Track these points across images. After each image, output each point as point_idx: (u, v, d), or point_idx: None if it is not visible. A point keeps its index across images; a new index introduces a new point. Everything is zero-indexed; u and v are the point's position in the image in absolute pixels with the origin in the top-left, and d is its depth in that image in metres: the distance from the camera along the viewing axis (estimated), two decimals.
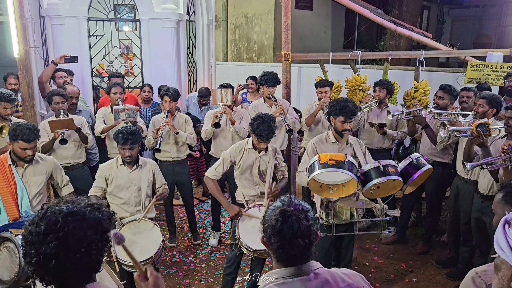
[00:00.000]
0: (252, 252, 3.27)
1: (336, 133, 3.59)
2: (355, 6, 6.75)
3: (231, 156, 3.65)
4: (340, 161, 2.96)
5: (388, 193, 3.26)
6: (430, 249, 4.76)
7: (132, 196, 3.64)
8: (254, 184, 3.67)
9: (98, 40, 6.43)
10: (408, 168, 3.15)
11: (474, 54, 6.33)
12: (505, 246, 1.19)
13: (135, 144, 3.53)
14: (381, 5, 11.78)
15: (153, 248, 3.29)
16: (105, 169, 3.65)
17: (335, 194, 3.19)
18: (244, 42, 12.53)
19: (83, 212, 1.36)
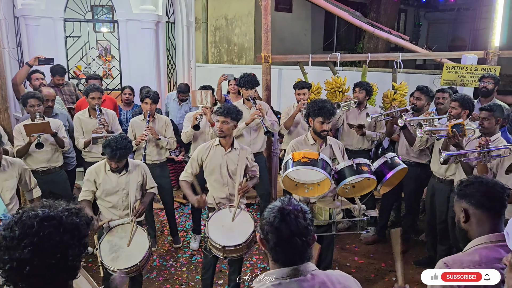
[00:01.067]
0: (222, 250, 3.24)
1: (315, 134, 3.61)
2: (334, 9, 6.82)
3: (198, 155, 3.64)
4: (313, 159, 2.98)
5: (363, 192, 3.29)
6: (409, 248, 4.83)
7: (121, 200, 3.59)
8: (224, 185, 3.63)
9: (75, 41, 6.32)
10: (383, 167, 3.19)
11: (449, 56, 6.48)
12: None
13: (123, 159, 3.47)
14: (359, 8, 11.96)
15: (139, 255, 3.24)
16: (93, 172, 3.57)
17: (310, 193, 3.22)
18: (224, 44, 12.51)
19: (59, 217, 1.32)
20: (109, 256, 3.21)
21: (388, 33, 7.08)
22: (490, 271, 1.21)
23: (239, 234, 3.28)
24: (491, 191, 1.87)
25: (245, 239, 3.24)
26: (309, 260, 1.62)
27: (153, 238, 4.91)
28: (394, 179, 3.25)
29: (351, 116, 5.07)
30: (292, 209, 1.59)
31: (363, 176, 3.08)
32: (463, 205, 1.90)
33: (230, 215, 3.41)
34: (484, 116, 3.53)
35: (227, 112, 3.46)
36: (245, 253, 3.37)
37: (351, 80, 5.73)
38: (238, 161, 3.61)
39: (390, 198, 4.92)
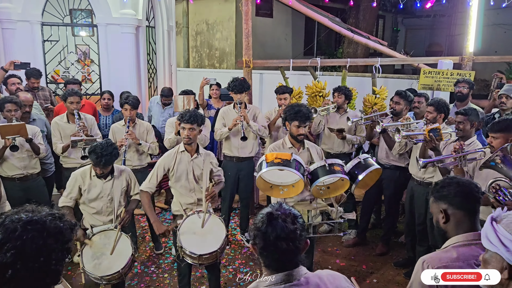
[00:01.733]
0: (197, 258, 3.23)
1: (292, 139, 3.65)
2: (314, 15, 6.91)
3: (164, 163, 3.61)
4: (286, 159, 3.02)
5: (337, 193, 3.33)
6: (389, 250, 4.90)
7: (105, 206, 3.54)
8: (190, 191, 3.63)
9: (53, 46, 6.22)
10: (356, 168, 3.23)
11: (426, 61, 6.64)
12: (496, 241, 1.27)
13: (108, 165, 3.43)
14: (338, 14, 12.15)
15: (121, 262, 3.19)
16: (78, 177, 3.51)
17: (285, 194, 3.25)
18: (205, 49, 12.50)
19: (43, 221, 1.32)
20: (91, 263, 3.16)
21: (367, 38, 7.21)
22: (490, 271, 1.26)
23: (212, 240, 3.28)
24: (469, 191, 1.95)
25: (219, 245, 3.24)
26: (302, 264, 1.63)
27: (134, 244, 4.83)
28: (368, 180, 3.29)
29: (331, 120, 5.13)
30: (281, 214, 1.59)
31: (336, 176, 3.11)
32: (441, 206, 1.97)
33: (200, 221, 3.39)
34: (460, 120, 3.63)
35: (193, 119, 3.45)
36: (219, 258, 3.37)
37: (331, 84, 5.81)
38: (203, 166, 3.62)
39: (370, 201, 5.00)
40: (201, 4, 11.86)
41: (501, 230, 1.27)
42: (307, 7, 6.84)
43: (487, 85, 10.03)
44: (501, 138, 3.09)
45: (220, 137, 4.84)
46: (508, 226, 1.26)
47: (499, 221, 1.31)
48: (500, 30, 12.66)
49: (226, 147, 4.97)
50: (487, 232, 1.31)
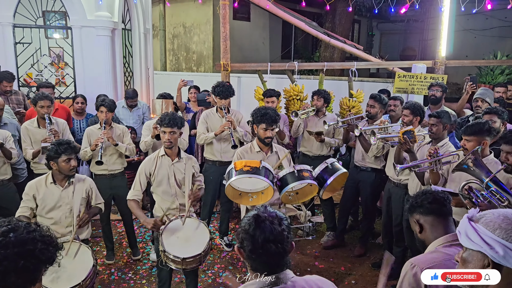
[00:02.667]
0: (181, 263, 3.19)
1: (260, 142, 3.65)
2: (291, 19, 6.97)
3: (145, 168, 3.57)
4: (255, 167, 3.03)
5: (306, 198, 3.37)
6: (367, 251, 4.96)
7: (64, 216, 3.41)
8: (172, 196, 3.59)
9: (26, 48, 6.06)
10: (323, 173, 3.28)
11: (400, 65, 6.79)
12: (478, 240, 1.30)
13: (73, 153, 3.36)
14: (315, 18, 12.28)
15: (82, 274, 3.02)
16: (33, 187, 3.38)
17: (254, 202, 3.26)
18: (183, 52, 12.42)
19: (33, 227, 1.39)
20: (49, 277, 2.98)
21: (343, 42, 7.32)
22: (490, 271, 1.29)
23: (196, 244, 3.24)
24: (435, 197, 2.09)
25: (203, 248, 3.21)
26: (288, 267, 1.63)
27: (110, 250, 4.76)
28: (336, 184, 3.35)
29: (310, 124, 5.18)
30: (267, 216, 1.60)
31: (305, 182, 3.16)
32: (415, 217, 2.11)
33: (183, 226, 3.35)
34: (433, 123, 3.72)
35: (173, 122, 3.42)
36: (202, 262, 3.34)
37: (308, 88, 5.86)
38: (185, 170, 3.58)
39: (348, 203, 5.06)
40: (178, 7, 11.79)
41: (481, 229, 1.30)
42: (284, 11, 6.89)
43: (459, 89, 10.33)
44: (474, 141, 3.18)
45: (204, 141, 4.79)
46: (488, 225, 1.30)
47: (476, 221, 1.34)
48: (471, 35, 13.07)
49: (208, 151, 4.92)
50: (467, 231, 1.34)
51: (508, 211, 1.32)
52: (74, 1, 5.91)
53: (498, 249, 1.25)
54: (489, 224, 1.30)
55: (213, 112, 4.91)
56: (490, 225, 1.30)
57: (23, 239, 1.32)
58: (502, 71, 10.03)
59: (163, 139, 3.51)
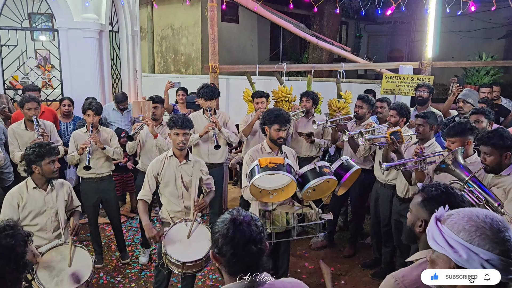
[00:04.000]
0: (181, 266, 3.19)
1: (271, 143, 3.66)
2: (279, 21, 6.99)
3: (153, 169, 3.57)
4: (280, 163, 3.06)
5: (322, 195, 3.40)
6: (356, 251, 5.00)
7: (50, 220, 3.36)
8: (179, 198, 3.58)
9: (11, 50, 5.99)
10: (340, 169, 3.32)
11: (387, 66, 6.85)
12: (443, 242, 1.26)
13: (54, 155, 3.34)
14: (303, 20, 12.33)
15: (86, 272, 3.06)
16: (15, 195, 3.29)
17: (275, 199, 3.28)
18: (171, 54, 12.38)
19: None
20: (52, 282, 2.99)
21: (331, 44, 7.37)
22: (491, 271, 1.25)
23: (197, 249, 3.21)
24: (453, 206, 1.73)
25: (204, 253, 3.19)
26: (265, 269, 1.62)
27: (99, 254, 4.71)
28: (348, 181, 3.40)
29: (300, 125, 5.20)
30: (244, 218, 1.59)
31: (326, 177, 3.17)
32: (423, 215, 1.85)
33: (187, 229, 3.32)
34: (419, 123, 3.77)
35: (186, 124, 3.42)
36: (203, 267, 3.32)
37: (297, 89, 5.89)
38: (192, 173, 3.57)
39: (337, 204, 5.09)
40: (166, 9, 11.74)
41: (446, 231, 1.27)
42: (272, 13, 6.91)
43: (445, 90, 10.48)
44: (458, 142, 3.22)
45: (189, 143, 4.78)
46: (453, 227, 1.26)
47: (443, 221, 1.31)
48: (456, 37, 13.26)
49: (195, 153, 4.91)
50: (433, 232, 1.31)
51: (473, 211, 1.28)
52: (60, 3, 5.85)
53: (462, 253, 1.21)
54: (454, 226, 1.26)
55: (200, 114, 4.92)
56: (454, 227, 1.25)
57: None
58: (487, 72, 10.21)
59: (175, 141, 3.49)
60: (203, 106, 4.83)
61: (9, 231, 1.31)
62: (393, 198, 4.14)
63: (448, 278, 1.32)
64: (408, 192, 3.90)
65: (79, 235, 5.10)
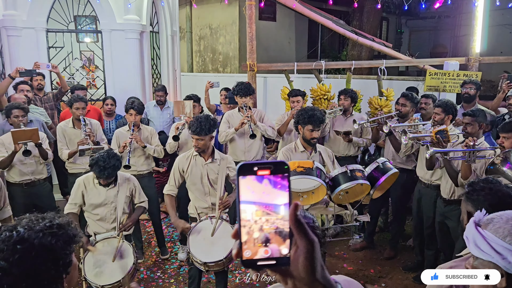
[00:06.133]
0: (203, 265, 3.21)
1: (304, 142, 3.62)
2: (317, 17, 6.89)
3: (179, 165, 3.62)
4: (308, 167, 2.99)
5: (356, 198, 3.31)
6: (397, 254, 4.85)
7: (109, 213, 3.53)
8: (205, 195, 3.62)
9: (58, 52, 6.24)
10: (375, 172, 3.22)
11: (432, 63, 6.59)
12: (488, 249, 1.19)
13: (111, 177, 3.43)
14: (342, 16, 12.13)
15: (123, 271, 3.15)
16: (81, 184, 3.50)
17: (305, 202, 3.22)
18: (209, 53, 12.51)
19: (33, 239, 1.27)
20: (93, 271, 3.13)
21: (371, 40, 7.18)
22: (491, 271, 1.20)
23: (220, 249, 3.23)
24: (500, 203, 1.78)
25: (226, 253, 3.20)
26: None
27: (139, 249, 4.83)
28: (385, 184, 3.29)
29: (337, 123, 5.11)
30: None
31: (357, 182, 3.10)
32: (468, 208, 1.90)
33: (211, 227, 3.36)
34: (467, 121, 3.59)
35: (199, 130, 3.42)
36: (226, 266, 3.33)
37: (336, 87, 5.78)
38: (218, 171, 3.60)
39: (377, 204, 4.95)
40: (204, 8, 11.88)
41: (490, 237, 1.19)
42: (311, 10, 6.82)
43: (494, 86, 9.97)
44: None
45: (225, 138, 4.81)
46: (497, 232, 1.18)
47: (484, 226, 1.23)
48: (506, 31, 12.58)
49: (231, 151, 4.94)
50: (475, 239, 1.23)
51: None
52: (104, 5, 6.04)
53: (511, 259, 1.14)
54: (498, 230, 1.17)
55: (235, 112, 4.94)
56: (499, 232, 1.17)
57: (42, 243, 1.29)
58: None
59: (193, 144, 3.55)
60: (239, 103, 4.85)
61: (55, 230, 1.33)
62: (437, 199, 3.98)
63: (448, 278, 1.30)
64: (454, 194, 3.73)
65: None
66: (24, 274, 1.23)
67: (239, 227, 0.70)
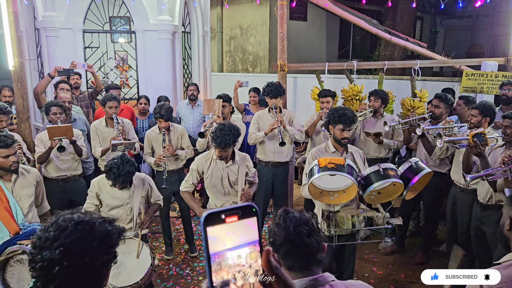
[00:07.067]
0: None
1: (335, 142, 3.58)
2: (350, 17, 6.81)
3: (198, 166, 3.65)
4: (340, 164, 2.94)
5: (388, 199, 3.23)
6: (429, 259, 4.72)
7: (125, 214, 3.56)
8: (225, 195, 3.66)
9: (94, 52, 6.42)
10: (408, 172, 3.12)
11: (469, 63, 6.37)
12: None
13: (126, 183, 3.44)
14: (374, 16, 11.91)
15: (141, 272, 3.14)
16: (96, 185, 3.53)
17: (336, 200, 3.17)
18: (239, 53, 12.57)
19: (93, 223, 1.37)
20: (111, 272, 3.13)
21: (405, 40, 7.02)
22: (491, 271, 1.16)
23: None
24: None
25: None
26: (326, 269, 1.60)
27: (169, 246, 4.92)
28: (418, 185, 3.18)
29: (368, 125, 5.03)
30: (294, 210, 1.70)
31: (390, 180, 3.00)
32: (511, 213, 1.81)
33: None
34: (507, 124, 3.44)
35: (224, 145, 3.41)
36: None
37: (367, 87, 5.69)
38: (238, 171, 3.63)
39: (408, 207, 4.84)
40: (235, 9, 11.95)
41: None
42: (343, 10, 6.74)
43: None
44: None
45: (254, 141, 4.82)
46: None
47: None
48: None
49: (261, 151, 4.94)
50: None
51: None
52: (138, 6, 6.17)
53: None
54: None
55: (265, 113, 4.93)
56: None
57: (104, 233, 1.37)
58: None
59: (215, 153, 3.58)
60: (269, 104, 4.84)
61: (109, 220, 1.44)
62: (473, 204, 3.85)
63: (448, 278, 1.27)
64: (491, 199, 3.59)
65: (151, 227, 5.36)
66: (83, 252, 1.31)
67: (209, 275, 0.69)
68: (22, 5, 5.58)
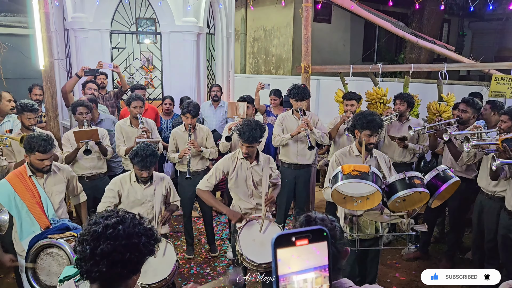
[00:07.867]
0: (256, 267, 3.21)
1: (360, 146, 3.54)
2: (376, 19, 6.73)
3: (223, 166, 3.66)
4: (364, 172, 2.88)
5: (414, 206, 3.17)
6: (453, 266, 4.61)
7: (146, 212, 3.58)
8: (249, 196, 3.67)
9: (120, 53, 6.55)
10: (435, 180, 3.06)
11: (499, 67, 6.20)
12: None
13: (153, 166, 3.48)
14: (400, 18, 11.75)
15: (167, 269, 3.17)
16: (118, 183, 3.56)
17: (359, 207, 3.12)
18: (262, 55, 12.60)
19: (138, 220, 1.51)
20: None
21: (432, 43, 6.90)
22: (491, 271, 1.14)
23: None
24: None
25: None
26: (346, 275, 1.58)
27: (190, 245, 4.96)
28: (445, 193, 3.12)
29: (393, 129, 4.95)
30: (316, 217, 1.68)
31: (416, 190, 2.95)
32: None
33: (259, 227, 3.40)
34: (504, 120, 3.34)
35: (252, 140, 3.43)
36: None
37: (392, 91, 5.61)
38: (262, 172, 3.64)
39: (433, 214, 4.75)
40: (259, 10, 11.98)
41: None
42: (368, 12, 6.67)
43: None
44: None
45: (279, 143, 4.81)
46: None
47: None
48: None
49: (284, 153, 4.93)
50: None
51: None
52: (164, 7, 6.27)
53: None
54: None
55: (289, 115, 4.92)
56: None
57: (130, 232, 1.45)
58: None
59: (241, 149, 3.60)
60: (294, 106, 4.82)
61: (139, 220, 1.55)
62: (501, 211, 3.74)
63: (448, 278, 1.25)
64: None
65: (173, 227, 5.43)
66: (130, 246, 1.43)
67: None
68: (53, 6, 5.74)
